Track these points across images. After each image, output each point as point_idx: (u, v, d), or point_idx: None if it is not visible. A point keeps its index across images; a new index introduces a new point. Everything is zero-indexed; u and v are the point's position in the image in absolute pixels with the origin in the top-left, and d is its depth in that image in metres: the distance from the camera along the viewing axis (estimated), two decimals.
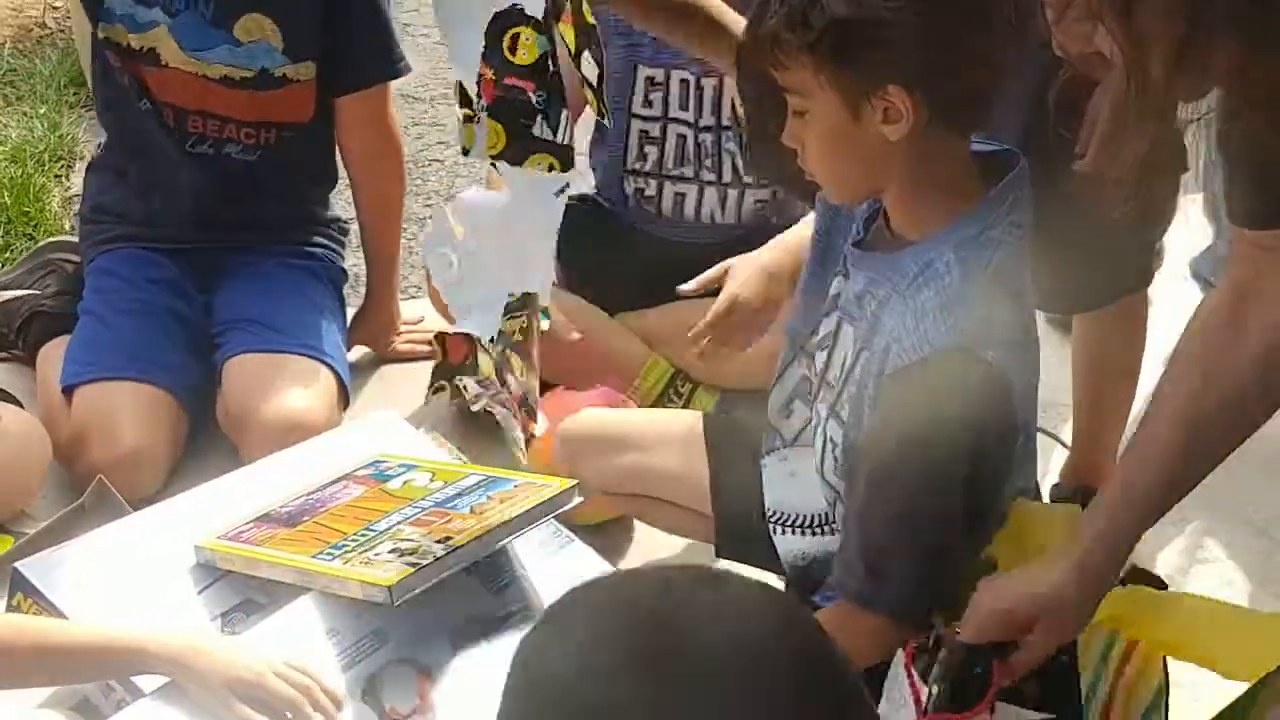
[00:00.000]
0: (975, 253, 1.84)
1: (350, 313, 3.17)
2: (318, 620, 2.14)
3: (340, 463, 2.47)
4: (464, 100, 2.06)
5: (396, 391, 3.09)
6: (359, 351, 3.20)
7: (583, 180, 2.91)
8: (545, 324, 2.38)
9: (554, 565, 2.33)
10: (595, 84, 2.12)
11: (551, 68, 2.05)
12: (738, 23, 2.07)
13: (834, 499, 2.05)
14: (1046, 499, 2.37)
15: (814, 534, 2.16)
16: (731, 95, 2.90)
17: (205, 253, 3.02)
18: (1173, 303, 3.24)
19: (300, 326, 2.94)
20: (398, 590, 2.07)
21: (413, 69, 3.16)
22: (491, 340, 2.30)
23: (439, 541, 2.16)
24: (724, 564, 2.26)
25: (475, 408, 2.59)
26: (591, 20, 2.06)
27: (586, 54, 2.07)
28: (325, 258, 3.14)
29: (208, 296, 3.02)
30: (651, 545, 2.64)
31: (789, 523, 2.19)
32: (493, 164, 2.16)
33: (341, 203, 3.42)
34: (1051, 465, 2.76)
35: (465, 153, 2.14)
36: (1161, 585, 1.93)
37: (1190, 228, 3.32)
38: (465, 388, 2.49)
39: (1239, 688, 1.77)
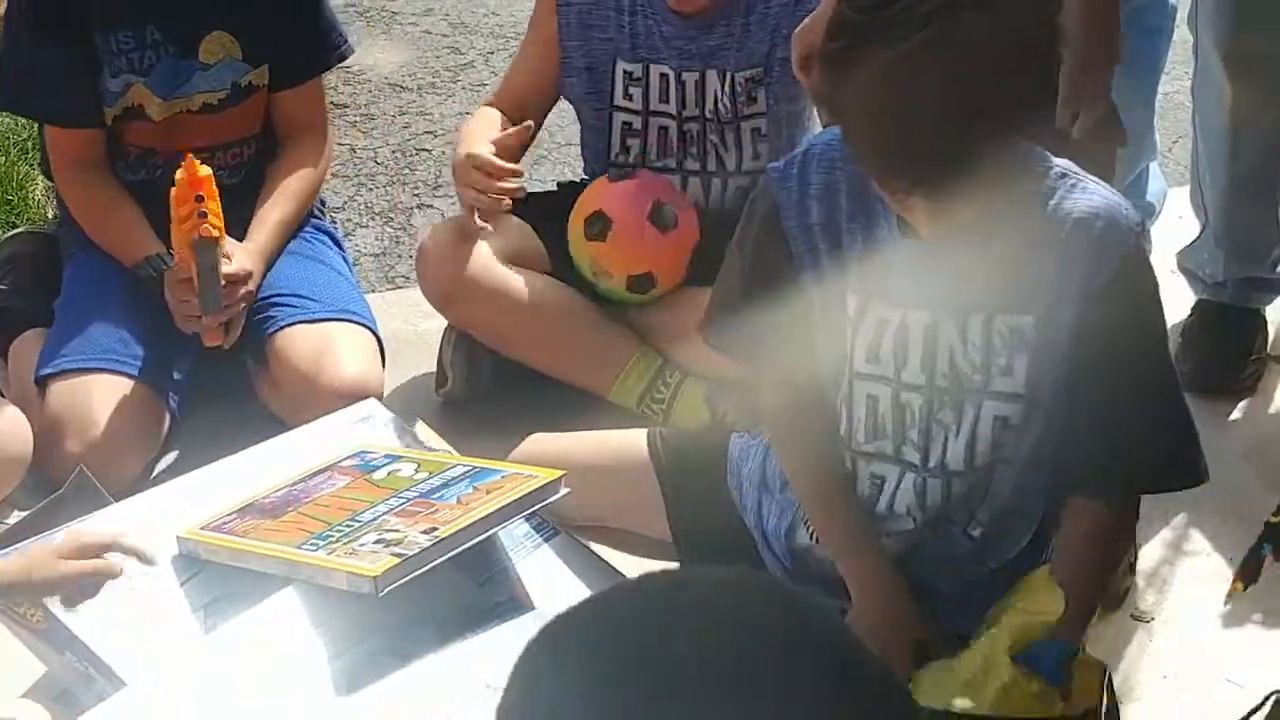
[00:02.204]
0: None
1: None
2: (302, 611, 2.13)
3: (324, 453, 2.46)
4: None
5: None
6: None
7: None
8: None
9: (540, 557, 2.32)
10: None
11: None
12: None
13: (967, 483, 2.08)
14: None
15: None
16: (714, 88, 2.90)
17: None
18: (1162, 294, 3.24)
19: (333, 293, 2.95)
20: (383, 581, 2.05)
21: (355, 50, 3.16)
22: None
23: (425, 532, 2.15)
24: None
25: None
26: None
27: None
28: (325, 227, 3.15)
29: None
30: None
31: None
32: None
33: (327, 192, 3.41)
34: None
35: None
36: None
37: (1178, 221, 3.32)
38: None
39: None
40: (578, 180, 3.19)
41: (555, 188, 3.24)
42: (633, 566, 2.45)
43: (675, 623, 1.03)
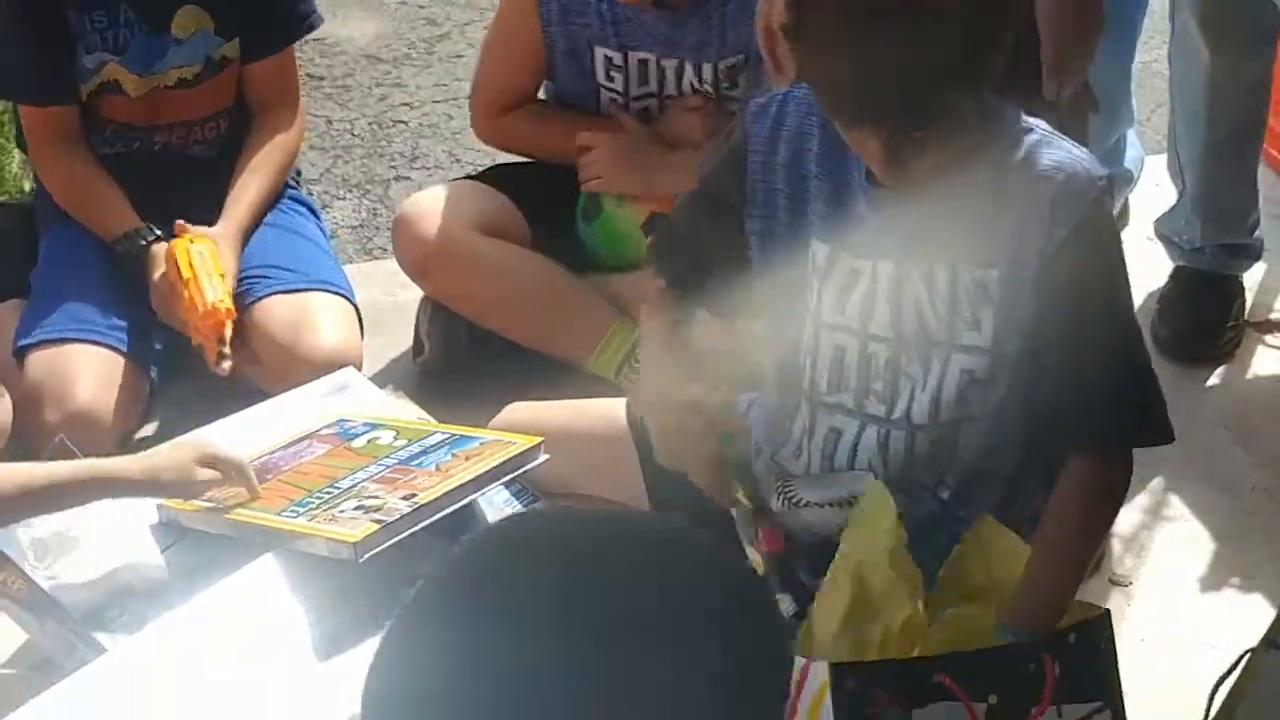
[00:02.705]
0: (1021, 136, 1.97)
1: None
2: (282, 577, 2.13)
3: (303, 421, 2.46)
4: None
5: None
6: None
7: None
8: None
9: None
10: None
11: None
12: None
13: (934, 436, 2.06)
14: None
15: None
16: (691, 76, 2.90)
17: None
18: (1139, 263, 3.25)
19: (310, 264, 2.95)
20: (363, 547, 2.06)
21: (324, 21, 3.15)
22: None
23: (404, 499, 2.15)
24: None
25: None
26: None
27: None
28: (301, 197, 3.16)
29: None
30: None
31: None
32: None
33: (303, 163, 3.40)
34: None
35: None
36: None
37: (1155, 188, 3.33)
38: None
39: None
40: None
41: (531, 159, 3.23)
42: None
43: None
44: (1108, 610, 1.92)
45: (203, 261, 2.74)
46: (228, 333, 2.70)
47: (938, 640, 1.86)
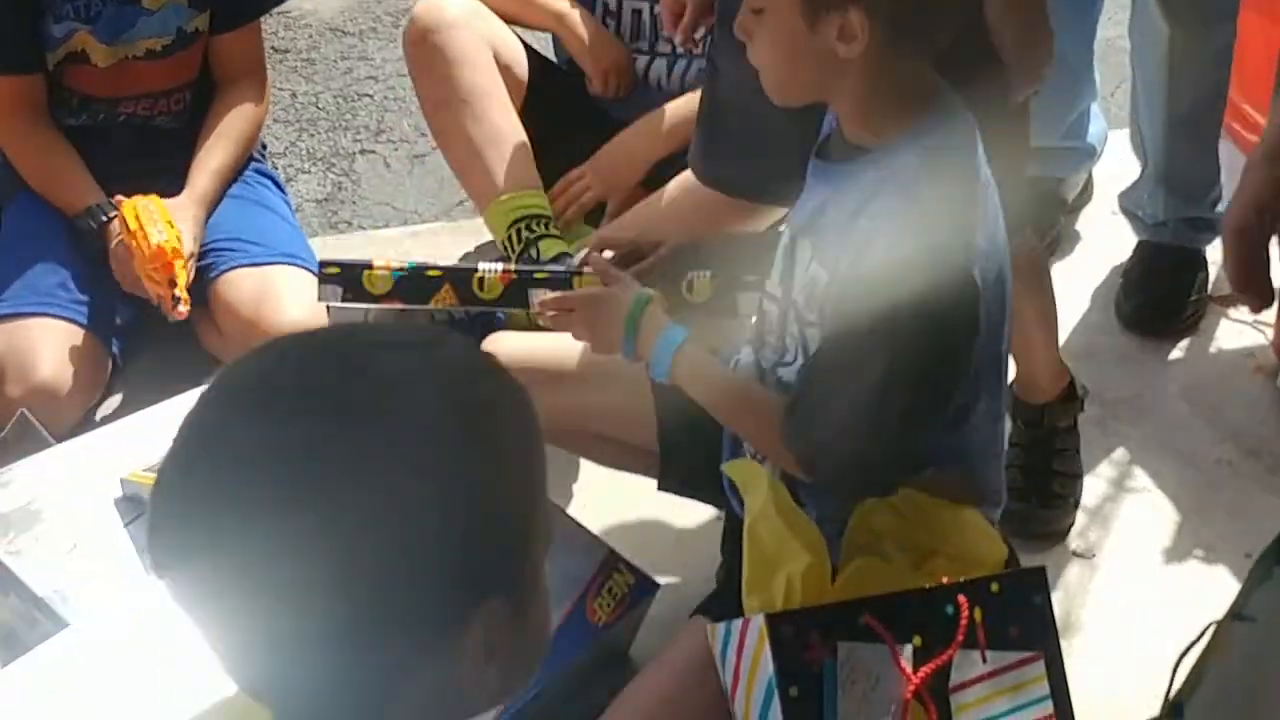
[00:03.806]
0: (939, 155, 1.82)
1: None
2: None
3: None
4: None
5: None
6: None
7: None
8: None
9: None
10: None
11: None
12: None
13: None
14: None
15: None
16: None
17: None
18: (1104, 235, 3.27)
19: (275, 237, 2.94)
20: None
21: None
22: None
23: None
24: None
25: None
26: None
27: None
28: (266, 170, 3.15)
29: None
30: (593, 478, 2.63)
31: None
32: None
33: (267, 137, 3.39)
34: None
35: None
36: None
37: (1119, 162, 3.34)
38: None
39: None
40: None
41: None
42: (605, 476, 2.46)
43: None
44: (1042, 567, 1.92)
45: (148, 213, 2.73)
46: (180, 275, 2.68)
47: (841, 589, 1.83)
